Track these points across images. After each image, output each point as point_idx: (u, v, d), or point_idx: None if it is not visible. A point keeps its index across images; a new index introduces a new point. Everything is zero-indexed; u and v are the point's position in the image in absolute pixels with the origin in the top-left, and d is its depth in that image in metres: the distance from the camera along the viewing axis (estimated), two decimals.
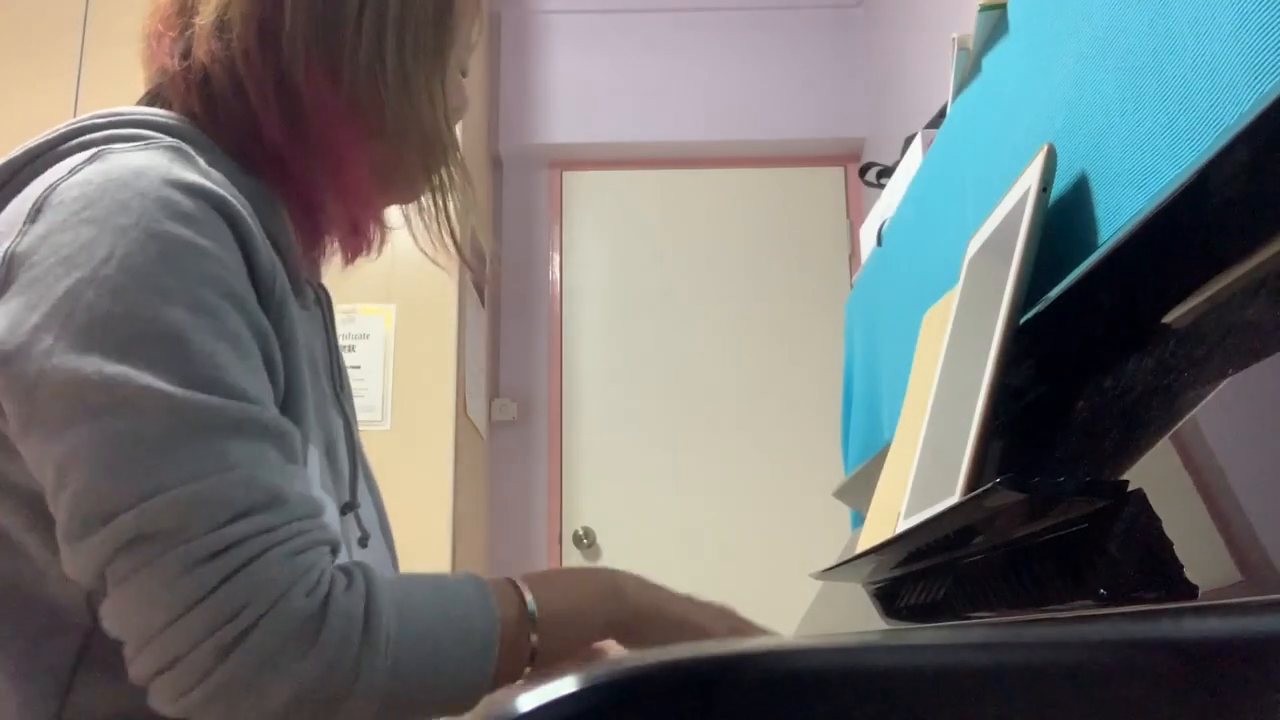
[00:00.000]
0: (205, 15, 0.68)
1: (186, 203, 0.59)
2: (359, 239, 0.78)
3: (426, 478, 2.45)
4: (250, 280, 0.62)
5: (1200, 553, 0.46)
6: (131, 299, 0.56)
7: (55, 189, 0.60)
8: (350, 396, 0.87)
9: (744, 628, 0.72)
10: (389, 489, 0.99)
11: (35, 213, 0.59)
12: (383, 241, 0.80)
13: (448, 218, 0.76)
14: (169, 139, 0.64)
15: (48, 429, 0.55)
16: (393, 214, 0.80)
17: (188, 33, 0.69)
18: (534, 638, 0.62)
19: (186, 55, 0.68)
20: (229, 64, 0.67)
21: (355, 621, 0.55)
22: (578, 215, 3.29)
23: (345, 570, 0.58)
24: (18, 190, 0.63)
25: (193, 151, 0.64)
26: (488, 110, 3.17)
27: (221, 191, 0.62)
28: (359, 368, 2.47)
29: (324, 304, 0.81)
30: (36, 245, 0.58)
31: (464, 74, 0.79)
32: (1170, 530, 0.49)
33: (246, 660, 0.52)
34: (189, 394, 0.55)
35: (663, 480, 3.06)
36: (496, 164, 3.30)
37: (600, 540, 3.04)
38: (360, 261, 0.81)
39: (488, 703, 0.60)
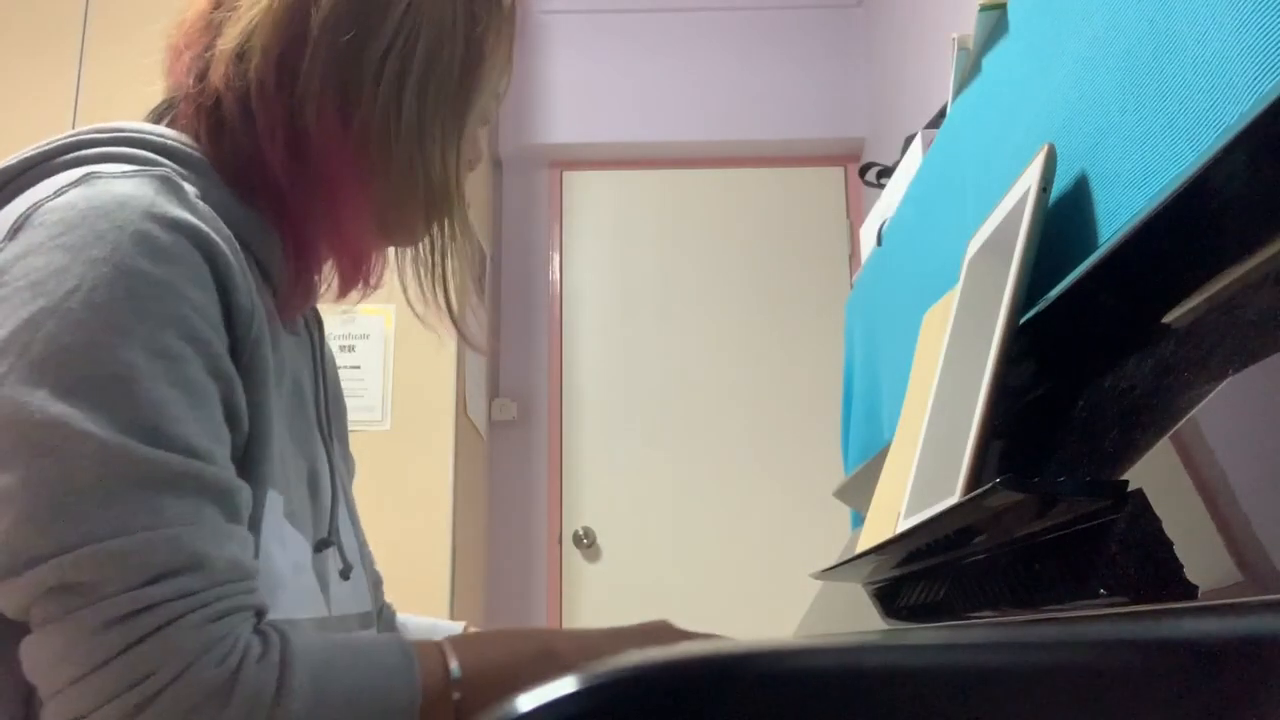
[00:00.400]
0: (228, 40, 0.68)
1: (165, 238, 0.58)
2: (353, 275, 0.76)
3: (426, 478, 2.45)
4: (225, 319, 0.62)
5: (1200, 553, 0.46)
6: (89, 335, 0.55)
7: (39, 208, 0.59)
8: (342, 420, 0.86)
9: (678, 639, 0.71)
10: (389, 489, 0.99)
11: (15, 230, 0.59)
12: (379, 280, 0.79)
13: (444, 276, 0.75)
14: (161, 167, 0.64)
15: None
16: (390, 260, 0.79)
17: (208, 54, 0.68)
18: (456, 695, 0.60)
19: (202, 77, 0.68)
20: (242, 93, 0.67)
21: (264, 695, 0.54)
22: (578, 215, 3.29)
23: (264, 638, 0.56)
24: (8, 200, 0.63)
25: (184, 180, 0.64)
26: None
27: (204, 227, 0.61)
28: (359, 368, 2.47)
29: (315, 328, 0.80)
30: (10, 264, 0.58)
31: (486, 123, 0.78)
32: (1170, 530, 0.49)
33: None
34: (127, 444, 0.54)
35: (663, 480, 3.06)
36: (496, 164, 3.30)
37: (600, 540, 3.04)
38: (353, 297, 0.79)
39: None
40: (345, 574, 0.77)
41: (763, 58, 3.25)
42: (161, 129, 0.68)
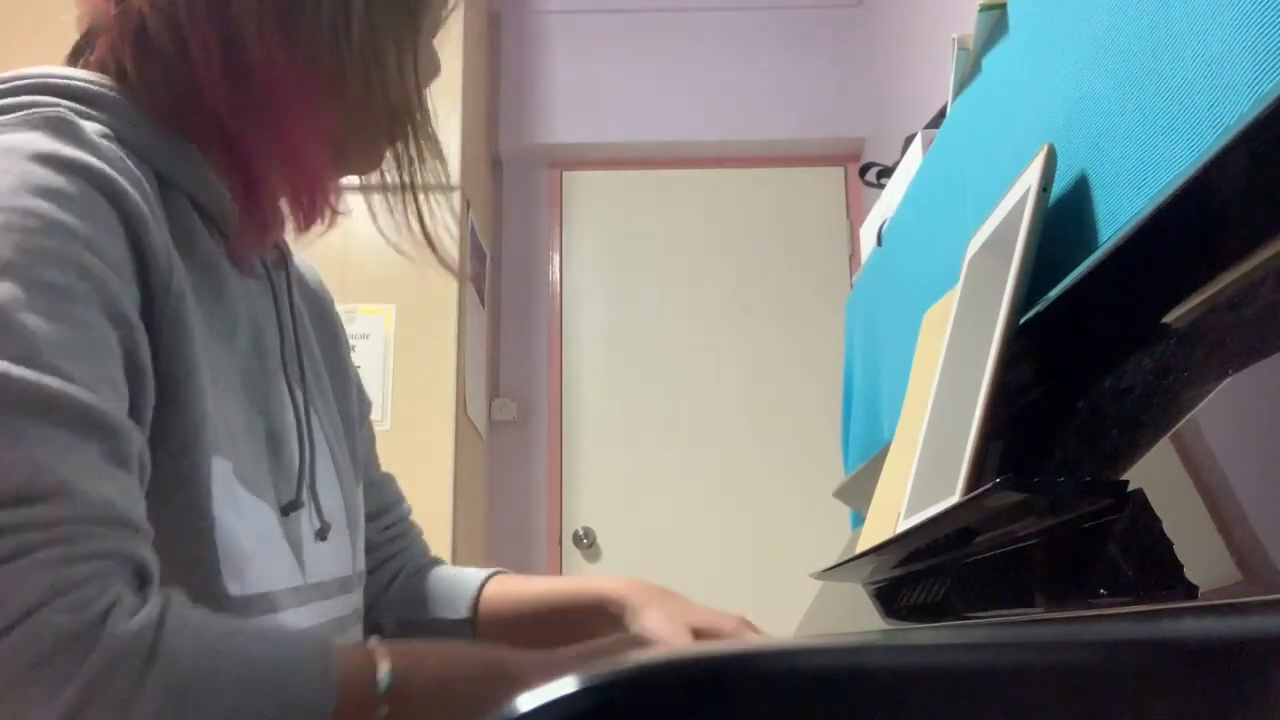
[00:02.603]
0: None
1: (56, 179, 0.52)
2: (310, 208, 0.68)
3: (426, 478, 2.45)
4: (138, 269, 0.55)
5: (1200, 553, 0.46)
6: None
7: None
8: (319, 368, 0.78)
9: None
10: None
11: None
12: (335, 210, 0.71)
13: (415, 200, 0.69)
14: (56, 109, 0.56)
15: None
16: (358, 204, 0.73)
17: None
18: (384, 710, 0.51)
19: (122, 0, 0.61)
20: (169, 12, 0.60)
21: (134, 655, 0.45)
22: (578, 215, 3.29)
23: (143, 593, 0.48)
24: None
25: (88, 119, 0.57)
26: (488, 110, 3.17)
27: (104, 167, 0.54)
28: (359, 368, 2.46)
29: (279, 269, 0.73)
30: None
31: (436, 33, 0.72)
32: (1170, 530, 0.49)
33: None
34: None
35: (663, 480, 3.06)
36: (496, 164, 3.30)
37: (600, 540, 3.04)
38: (316, 230, 0.71)
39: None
40: (322, 534, 0.70)
41: (763, 58, 3.25)
42: (67, 70, 0.61)
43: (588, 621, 0.83)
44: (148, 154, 0.60)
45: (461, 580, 0.91)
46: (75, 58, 0.66)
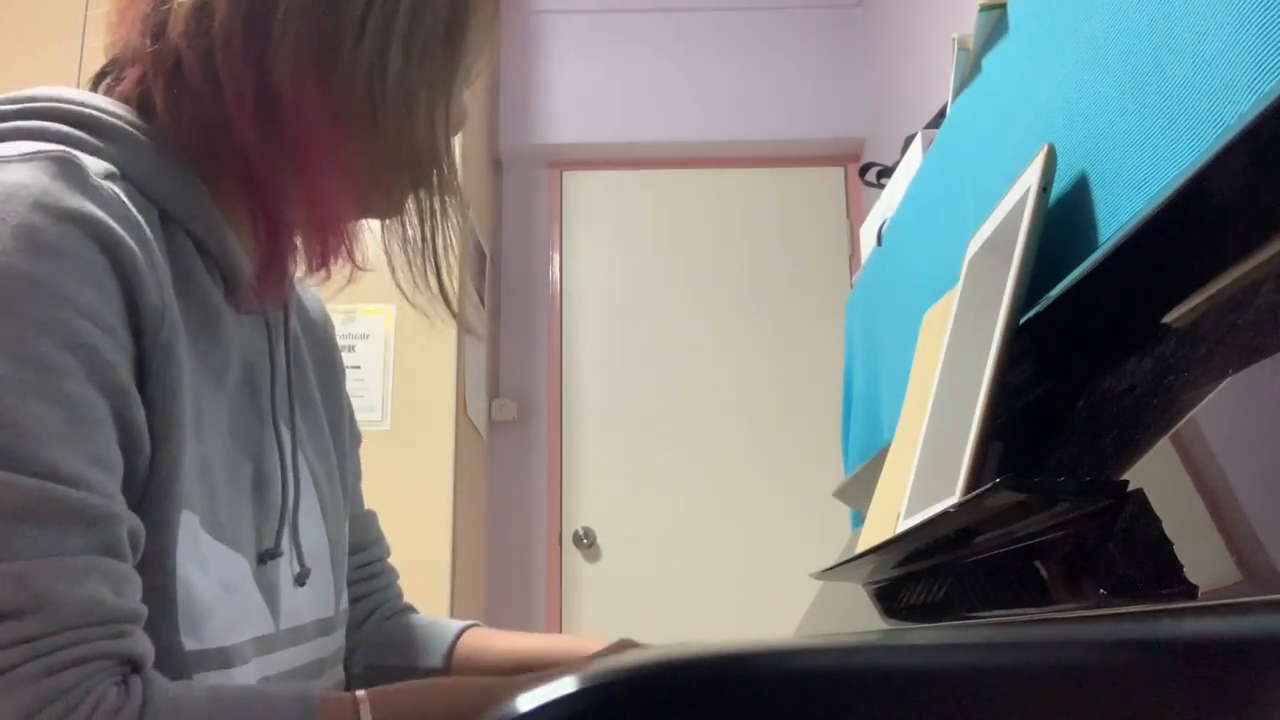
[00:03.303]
0: None
1: (54, 231, 0.51)
2: (323, 249, 0.69)
3: (426, 478, 2.45)
4: (131, 320, 0.55)
5: (1200, 553, 0.46)
6: None
7: None
8: (314, 399, 0.79)
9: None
10: (389, 489, 0.99)
11: None
12: (353, 258, 0.71)
13: (434, 253, 0.68)
14: (63, 148, 0.56)
15: None
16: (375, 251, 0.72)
17: (164, 7, 0.61)
18: None
19: (159, 35, 0.61)
20: (205, 51, 0.60)
21: None
22: (578, 215, 3.29)
23: (127, 689, 0.49)
24: None
25: (97, 154, 0.57)
26: (488, 110, 3.17)
27: (103, 217, 0.53)
28: (359, 368, 2.47)
29: (277, 313, 0.73)
30: None
31: (470, 84, 0.72)
32: (1170, 530, 0.49)
33: None
34: None
35: (663, 480, 3.06)
36: (496, 164, 3.30)
37: (600, 540, 3.04)
38: (337, 276, 0.72)
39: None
40: (300, 579, 0.71)
41: (763, 58, 3.25)
42: (84, 95, 0.61)
43: None
44: (154, 190, 0.60)
45: (437, 629, 0.89)
46: (98, 83, 0.66)
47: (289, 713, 0.53)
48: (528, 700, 0.28)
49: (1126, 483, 0.53)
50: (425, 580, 2.38)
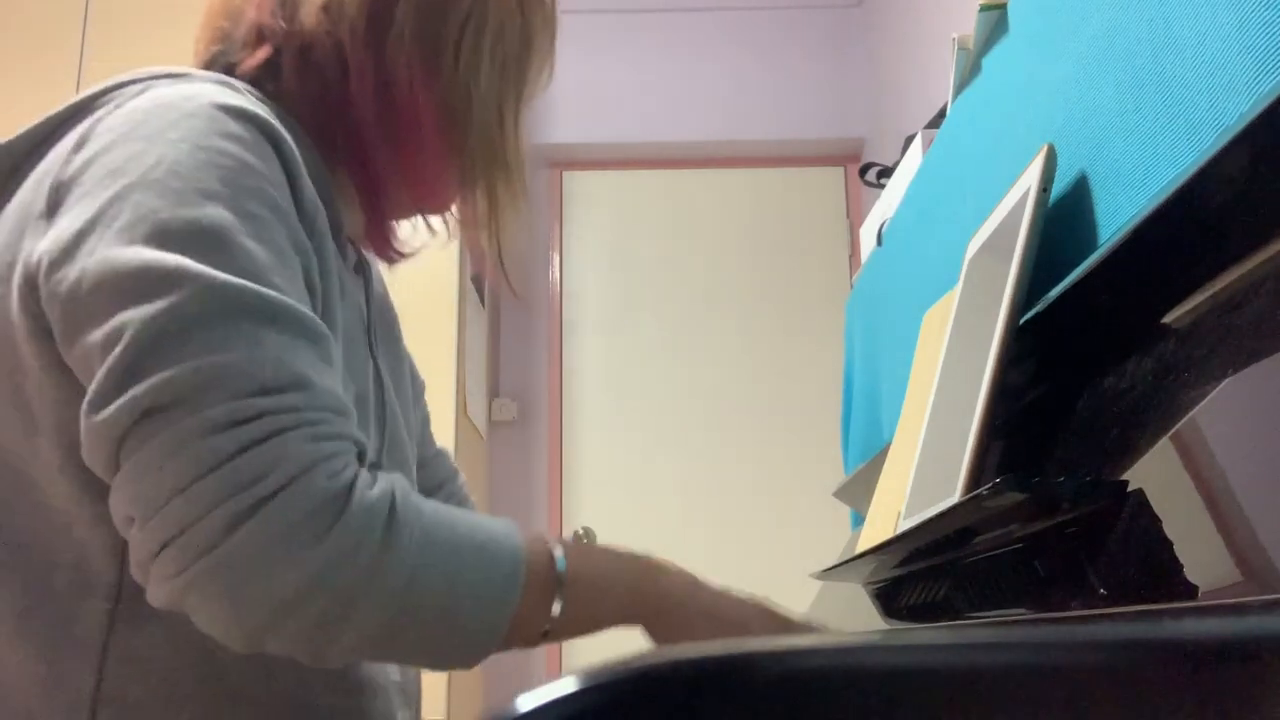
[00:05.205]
0: None
1: (234, 125, 0.60)
2: (386, 237, 0.79)
3: None
4: (295, 203, 0.62)
5: (1200, 553, 0.46)
6: (176, 197, 0.55)
7: (100, 121, 0.61)
8: (396, 356, 0.86)
9: (781, 624, 0.67)
10: None
11: (80, 143, 0.60)
12: (429, 224, 0.82)
13: (497, 228, 0.77)
14: (220, 74, 0.66)
15: (89, 322, 0.53)
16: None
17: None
18: (557, 605, 0.58)
19: (292, 19, 0.70)
20: (335, 36, 0.69)
21: (378, 516, 0.52)
22: (578, 215, 3.29)
23: (372, 472, 0.55)
24: (62, 138, 0.63)
25: (241, 86, 0.66)
26: None
27: (267, 117, 0.62)
28: None
29: (365, 272, 0.81)
30: (83, 168, 0.58)
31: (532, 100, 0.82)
32: (1170, 530, 0.49)
33: (257, 534, 0.49)
34: (228, 280, 0.53)
35: (663, 480, 3.06)
36: None
37: (600, 540, 3.04)
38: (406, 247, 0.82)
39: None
40: None
41: (762, 58, 3.25)
42: (222, 77, 0.68)
43: None
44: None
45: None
46: (208, 69, 0.73)
47: (497, 524, 0.58)
48: (528, 700, 0.28)
49: (1126, 483, 0.53)
50: None
